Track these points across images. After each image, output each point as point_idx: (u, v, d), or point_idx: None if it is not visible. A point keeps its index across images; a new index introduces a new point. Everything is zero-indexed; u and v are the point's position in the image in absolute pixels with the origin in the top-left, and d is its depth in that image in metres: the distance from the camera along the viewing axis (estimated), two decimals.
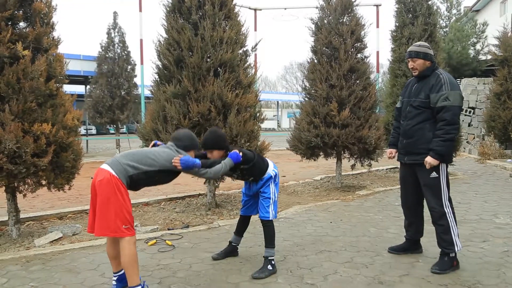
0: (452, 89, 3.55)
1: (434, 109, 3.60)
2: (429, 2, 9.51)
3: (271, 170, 3.75)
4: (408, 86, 3.95)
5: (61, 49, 4.79)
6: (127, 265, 3.00)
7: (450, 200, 3.69)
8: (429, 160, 3.56)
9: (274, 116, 53.23)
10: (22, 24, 4.48)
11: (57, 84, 4.61)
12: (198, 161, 3.26)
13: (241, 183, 4.09)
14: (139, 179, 3.08)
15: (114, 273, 3.25)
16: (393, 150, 4.08)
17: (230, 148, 3.60)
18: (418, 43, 3.86)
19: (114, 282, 3.25)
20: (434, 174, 3.64)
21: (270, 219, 3.68)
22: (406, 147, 3.82)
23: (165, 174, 3.23)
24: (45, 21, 4.56)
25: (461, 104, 3.59)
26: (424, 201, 3.84)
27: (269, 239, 3.67)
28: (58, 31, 6.13)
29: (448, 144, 3.55)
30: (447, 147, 3.55)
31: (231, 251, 4.04)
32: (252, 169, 3.64)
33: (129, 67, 17.60)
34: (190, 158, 3.22)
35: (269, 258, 3.63)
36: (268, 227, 3.69)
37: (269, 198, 3.69)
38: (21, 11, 4.42)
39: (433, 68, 3.73)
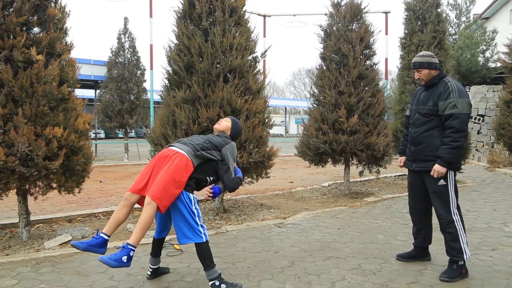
0: (460, 97, 3.53)
1: (442, 117, 3.60)
2: (438, 10, 9.48)
3: None
4: (416, 94, 3.96)
5: (72, 54, 4.86)
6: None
7: (458, 208, 3.67)
8: (437, 168, 3.55)
9: (282, 122, 53.29)
10: (36, 29, 4.56)
11: (69, 89, 4.67)
12: None
13: (249, 188, 4.09)
14: None
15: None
16: (403, 158, 4.07)
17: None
18: (421, 53, 3.84)
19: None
20: (442, 182, 3.62)
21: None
22: (414, 154, 3.82)
23: None
24: (59, 26, 4.65)
25: (469, 111, 3.56)
26: (433, 208, 3.83)
27: None
28: (70, 36, 6.23)
29: (456, 152, 3.54)
30: (454, 154, 3.54)
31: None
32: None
33: (139, 72, 17.78)
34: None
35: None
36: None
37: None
38: (35, 17, 4.50)
39: (440, 76, 3.72)
